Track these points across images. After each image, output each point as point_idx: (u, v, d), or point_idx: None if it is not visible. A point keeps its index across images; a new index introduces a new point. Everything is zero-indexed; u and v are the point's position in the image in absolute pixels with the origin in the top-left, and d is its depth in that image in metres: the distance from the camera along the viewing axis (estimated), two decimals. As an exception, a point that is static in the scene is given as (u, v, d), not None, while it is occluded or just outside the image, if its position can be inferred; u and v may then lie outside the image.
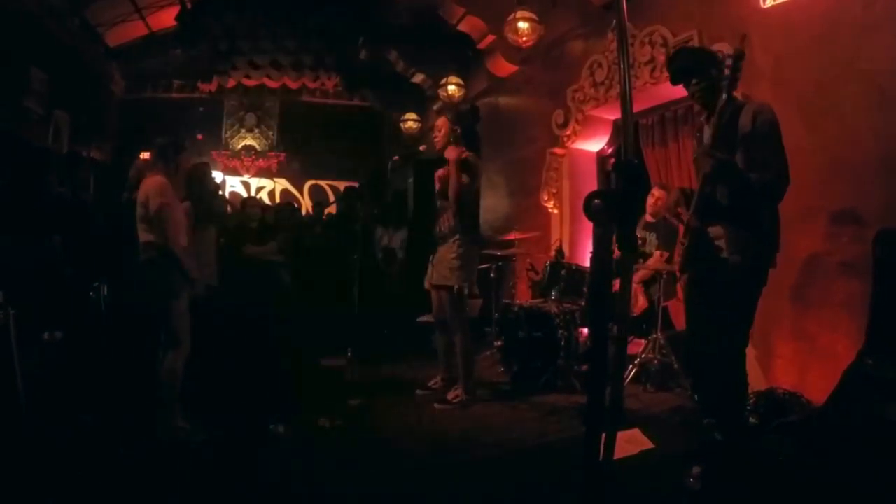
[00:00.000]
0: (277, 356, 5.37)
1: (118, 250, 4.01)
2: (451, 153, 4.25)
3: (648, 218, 5.21)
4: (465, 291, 4.33)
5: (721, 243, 2.89)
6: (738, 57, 2.75)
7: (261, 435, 3.55)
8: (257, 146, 11.80)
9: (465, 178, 4.24)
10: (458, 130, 4.35)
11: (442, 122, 4.42)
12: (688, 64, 3.03)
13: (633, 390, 4.44)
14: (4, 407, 3.37)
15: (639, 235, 5.13)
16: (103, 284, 4.63)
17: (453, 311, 4.29)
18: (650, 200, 5.16)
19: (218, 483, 2.98)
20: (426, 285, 4.52)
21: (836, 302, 3.71)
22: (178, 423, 3.51)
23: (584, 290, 4.79)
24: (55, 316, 4.35)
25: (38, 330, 4.14)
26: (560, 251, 5.65)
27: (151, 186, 3.51)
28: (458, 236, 4.26)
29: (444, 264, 4.25)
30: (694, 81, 2.98)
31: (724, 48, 4.37)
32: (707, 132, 3.01)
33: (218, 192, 5.14)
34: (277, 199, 11.41)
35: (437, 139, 4.39)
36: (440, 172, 4.42)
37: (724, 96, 2.77)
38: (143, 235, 3.53)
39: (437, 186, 4.40)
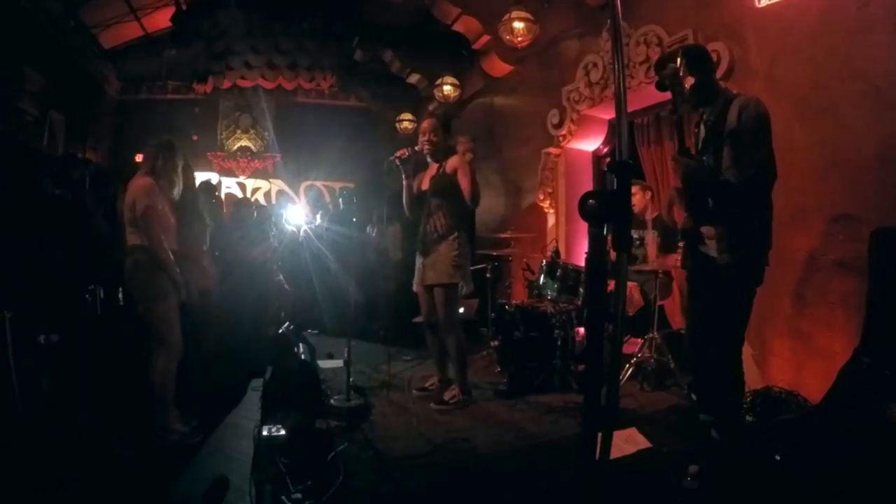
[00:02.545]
0: (273, 357, 5.36)
1: (115, 252, 4.00)
2: (459, 160, 4.27)
3: (644, 216, 5.23)
4: (465, 289, 4.35)
5: (713, 243, 2.90)
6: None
7: (258, 436, 3.54)
8: (253, 147, 11.77)
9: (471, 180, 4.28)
10: (443, 134, 4.41)
11: (428, 125, 4.44)
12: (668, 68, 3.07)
13: (630, 389, 4.44)
14: (1, 409, 3.36)
15: (635, 236, 5.15)
16: (99, 287, 4.61)
17: (447, 311, 4.26)
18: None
19: (215, 484, 2.97)
20: (415, 287, 4.51)
21: (832, 300, 3.72)
22: (175, 426, 3.50)
23: (580, 289, 4.79)
24: (51, 318, 4.34)
25: (34, 332, 4.12)
26: (556, 251, 5.65)
27: (137, 189, 3.50)
28: (457, 234, 4.27)
29: (446, 262, 4.22)
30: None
31: (719, 48, 4.42)
32: (703, 130, 3.04)
33: (196, 190, 5.10)
34: (273, 200, 11.38)
35: (422, 141, 4.39)
36: (432, 174, 4.42)
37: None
38: (131, 238, 3.51)
39: (427, 187, 4.39)
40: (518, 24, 6.01)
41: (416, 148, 4.37)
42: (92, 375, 4.06)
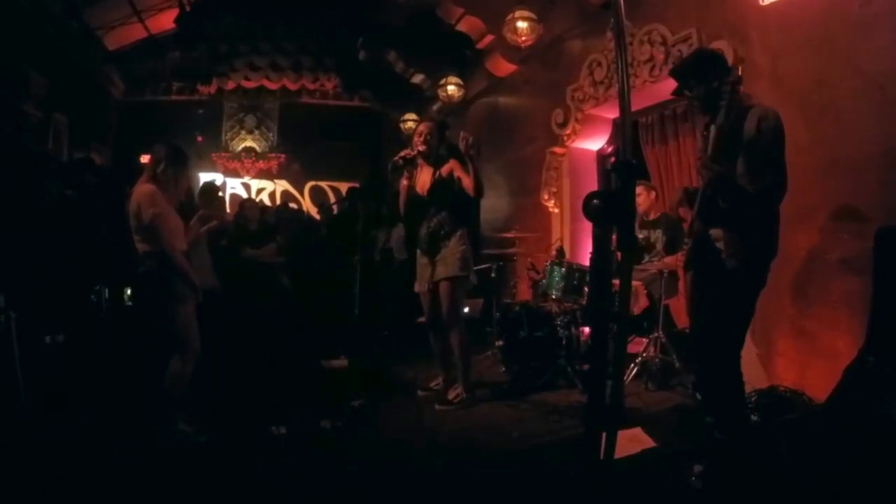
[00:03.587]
0: (278, 358, 5.37)
1: (121, 254, 4.01)
2: (454, 165, 4.29)
3: (648, 216, 5.22)
4: (475, 280, 4.43)
5: (720, 245, 2.89)
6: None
7: (262, 437, 3.55)
8: (257, 148, 11.78)
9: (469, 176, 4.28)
10: (441, 137, 4.42)
11: (424, 128, 4.43)
12: (682, 73, 3.05)
13: (635, 389, 4.43)
14: (6, 410, 3.37)
15: (640, 235, 5.14)
16: (104, 288, 4.62)
17: (452, 305, 4.27)
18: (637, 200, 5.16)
19: (219, 485, 2.98)
20: (417, 288, 4.51)
21: (837, 299, 3.70)
22: (180, 427, 3.50)
23: (585, 289, 4.78)
24: (57, 319, 4.36)
25: (39, 333, 4.14)
26: (560, 250, 5.65)
27: (141, 196, 3.44)
28: (462, 230, 4.31)
29: (455, 256, 4.25)
30: (687, 93, 3.02)
31: (722, 46, 4.40)
32: (713, 133, 3.01)
33: (191, 191, 5.12)
34: (278, 201, 11.40)
35: (416, 143, 4.37)
36: (428, 178, 4.41)
37: (724, 104, 2.79)
38: (140, 246, 3.47)
39: (426, 193, 4.39)
40: (521, 24, 6.02)
41: (410, 149, 4.37)
42: (93, 375, 4.08)
